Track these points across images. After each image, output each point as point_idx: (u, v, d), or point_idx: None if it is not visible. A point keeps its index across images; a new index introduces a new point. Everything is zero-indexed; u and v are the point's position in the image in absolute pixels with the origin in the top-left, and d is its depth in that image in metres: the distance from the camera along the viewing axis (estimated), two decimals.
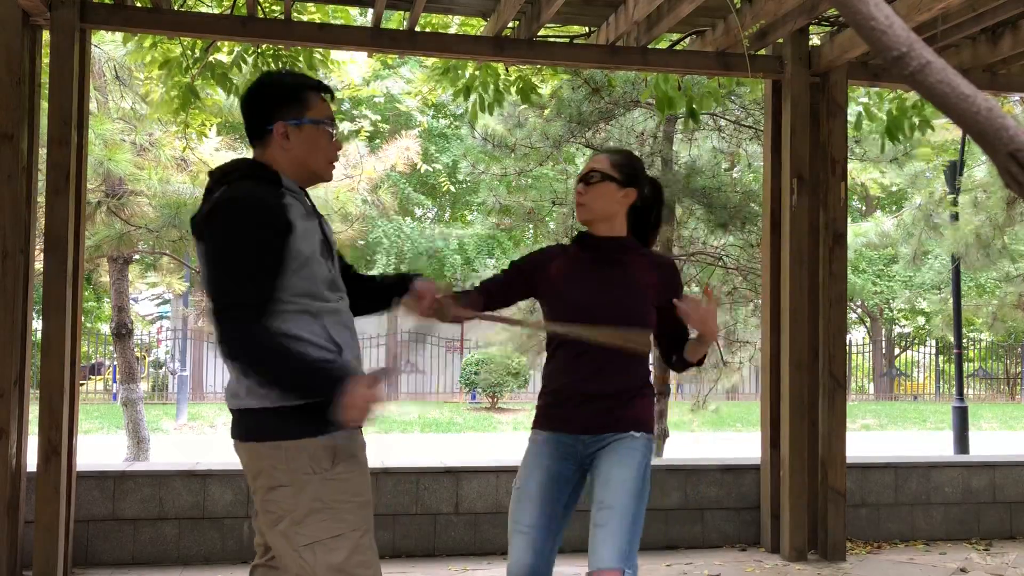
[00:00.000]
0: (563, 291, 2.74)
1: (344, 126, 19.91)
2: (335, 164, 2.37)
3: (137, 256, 9.12)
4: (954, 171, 11.26)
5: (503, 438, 15.14)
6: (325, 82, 2.39)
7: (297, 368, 2.09)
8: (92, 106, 6.84)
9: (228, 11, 5.03)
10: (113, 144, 7.69)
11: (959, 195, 10.60)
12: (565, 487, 2.71)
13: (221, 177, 2.25)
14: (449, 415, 17.82)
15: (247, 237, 2.11)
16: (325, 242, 2.29)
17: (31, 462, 4.40)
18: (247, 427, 2.20)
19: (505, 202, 9.45)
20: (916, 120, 5.73)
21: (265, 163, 2.26)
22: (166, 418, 16.83)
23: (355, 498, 2.17)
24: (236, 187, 2.18)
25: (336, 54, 6.31)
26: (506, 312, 2.96)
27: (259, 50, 5.52)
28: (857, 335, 27.43)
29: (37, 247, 4.89)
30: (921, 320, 25.61)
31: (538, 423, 2.78)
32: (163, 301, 26.02)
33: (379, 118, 20.79)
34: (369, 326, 22.53)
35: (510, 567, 2.66)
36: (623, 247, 2.78)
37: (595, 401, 2.69)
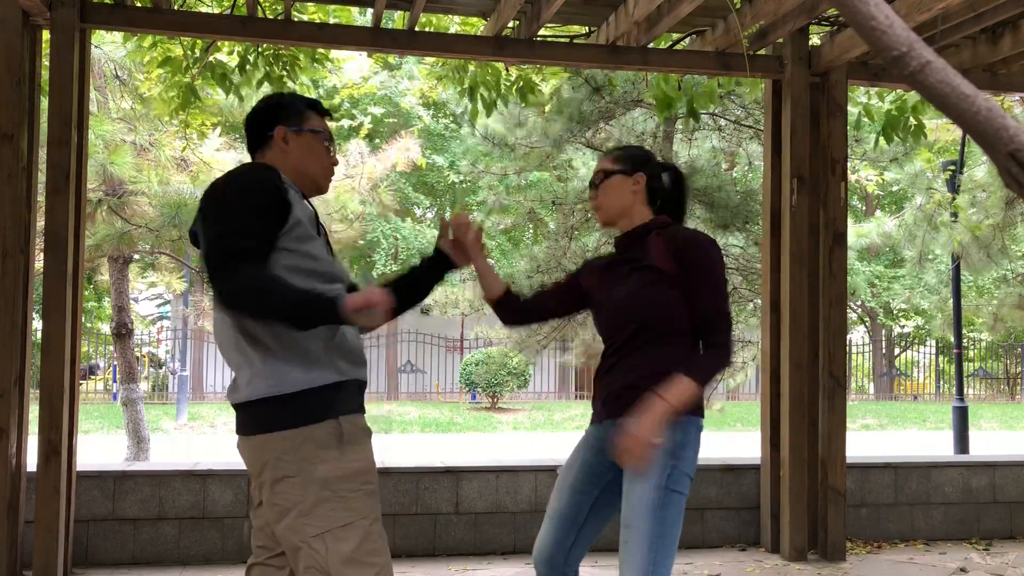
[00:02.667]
0: (592, 293, 2.76)
1: (344, 123, 19.95)
2: (331, 177, 2.45)
3: (137, 256, 9.12)
4: (954, 171, 11.25)
5: (503, 438, 15.14)
6: (322, 102, 2.51)
7: (299, 293, 2.06)
8: (92, 106, 6.84)
9: (228, 11, 5.02)
10: (113, 145, 7.69)
11: (958, 194, 10.60)
12: (598, 481, 2.68)
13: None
14: (449, 415, 17.82)
15: (244, 198, 2.15)
16: (327, 245, 2.36)
17: (31, 462, 4.40)
18: (251, 420, 2.19)
19: (505, 202, 9.46)
20: (912, 122, 5.73)
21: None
22: (166, 418, 16.83)
23: (363, 486, 2.16)
24: (235, 169, 2.28)
25: (335, 53, 6.31)
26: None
27: (259, 50, 5.52)
28: (857, 335, 27.43)
29: (37, 247, 4.89)
30: (921, 320, 25.61)
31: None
32: (163, 301, 26.04)
33: (382, 111, 20.78)
34: None
35: (534, 548, 2.73)
36: (641, 233, 2.67)
37: (616, 390, 2.62)
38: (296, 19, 5.06)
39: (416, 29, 4.98)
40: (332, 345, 2.20)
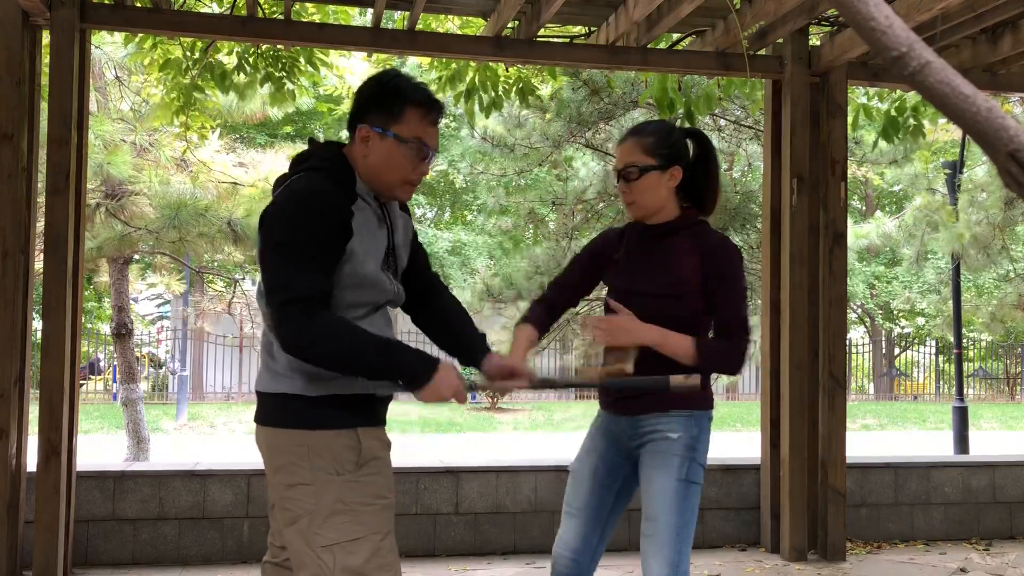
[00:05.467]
0: (614, 280, 2.68)
1: (344, 133, 20.00)
2: (415, 186, 2.24)
3: (137, 256, 9.12)
4: (953, 171, 11.25)
5: (503, 438, 15.13)
6: (435, 98, 2.20)
7: (378, 344, 2.02)
8: (92, 106, 6.84)
9: (228, 11, 5.03)
10: (113, 146, 7.68)
11: (958, 194, 10.61)
12: (618, 474, 2.63)
13: (302, 160, 2.19)
14: (449, 415, 17.82)
15: (306, 230, 2.02)
16: (390, 254, 2.22)
17: (31, 462, 4.40)
18: (269, 411, 2.15)
19: (505, 203, 9.47)
20: (912, 123, 5.73)
21: (349, 160, 2.19)
22: (166, 418, 16.83)
23: (377, 500, 2.12)
24: (306, 178, 2.11)
25: (335, 55, 6.31)
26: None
27: (259, 50, 5.52)
28: (857, 335, 27.43)
29: (37, 247, 4.89)
30: (921, 320, 25.62)
31: (599, 402, 2.72)
32: (163, 301, 26.03)
33: None
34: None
35: (555, 546, 2.65)
36: (668, 230, 2.58)
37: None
38: (296, 19, 5.06)
39: (416, 29, 4.98)
40: None
